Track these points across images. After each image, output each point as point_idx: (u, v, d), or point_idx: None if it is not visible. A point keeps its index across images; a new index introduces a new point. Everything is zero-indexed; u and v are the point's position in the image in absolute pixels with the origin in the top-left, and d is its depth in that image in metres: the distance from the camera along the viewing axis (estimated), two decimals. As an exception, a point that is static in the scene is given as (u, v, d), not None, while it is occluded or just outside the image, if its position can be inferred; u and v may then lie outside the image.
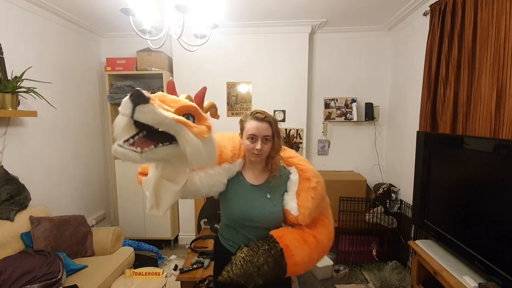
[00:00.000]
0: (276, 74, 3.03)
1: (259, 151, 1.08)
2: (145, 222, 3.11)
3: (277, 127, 1.12)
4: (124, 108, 0.76)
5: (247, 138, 1.11)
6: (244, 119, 1.14)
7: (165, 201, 0.99)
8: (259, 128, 1.08)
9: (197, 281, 1.77)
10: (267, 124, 1.09)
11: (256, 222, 1.13)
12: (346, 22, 2.92)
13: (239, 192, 1.16)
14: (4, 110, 1.94)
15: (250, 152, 1.11)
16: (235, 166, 1.16)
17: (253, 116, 1.11)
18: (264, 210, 1.12)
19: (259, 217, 1.12)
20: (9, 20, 2.14)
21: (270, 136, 1.10)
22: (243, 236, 1.16)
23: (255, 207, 1.13)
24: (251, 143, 1.09)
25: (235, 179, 1.18)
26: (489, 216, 1.42)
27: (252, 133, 1.08)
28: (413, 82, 2.55)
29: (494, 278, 1.33)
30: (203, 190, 1.09)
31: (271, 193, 1.16)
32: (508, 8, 1.47)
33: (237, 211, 1.14)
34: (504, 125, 1.48)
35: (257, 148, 1.08)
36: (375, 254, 2.69)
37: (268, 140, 1.10)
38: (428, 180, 1.87)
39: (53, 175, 2.54)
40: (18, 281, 1.60)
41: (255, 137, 1.08)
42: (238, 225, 1.17)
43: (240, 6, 2.50)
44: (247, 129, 1.11)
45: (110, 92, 2.94)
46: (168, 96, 0.91)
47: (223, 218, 1.24)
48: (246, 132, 1.11)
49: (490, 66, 1.59)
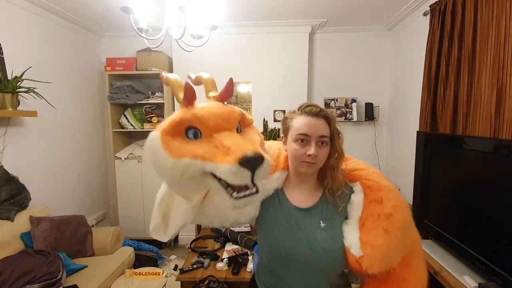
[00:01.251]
0: (276, 74, 3.03)
1: (312, 158, 0.77)
2: (145, 222, 3.11)
3: (336, 125, 0.82)
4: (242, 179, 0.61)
5: (295, 141, 0.80)
6: (290, 116, 0.84)
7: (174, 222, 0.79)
8: (314, 126, 0.78)
9: (197, 281, 1.77)
10: (324, 120, 0.79)
11: (305, 264, 0.79)
12: (346, 22, 2.92)
13: (280, 219, 0.84)
14: (4, 110, 1.94)
15: (300, 160, 0.80)
16: (272, 181, 0.86)
17: (304, 110, 0.81)
18: (317, 245, 0.78)
19: (310, 256, 0.78)
20: (9, 20, 2.14)
21: (328, 138, 0.80)
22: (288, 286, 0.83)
23: (302, 242, 0.79)
24: (301, 147, 0.79)
25: (274, 200, 0.87)
26: (489, 216, 1.42)
27: (303, 132, 0.78)
28: (413, 82, 2.55)
29: (494, 278, 1.33)
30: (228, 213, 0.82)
31: (326, 220, 0.81)
32: (508, 8, 1.47)
33: (276, 246, 0.81)
34: (504, 125, 1.48)
35: (310, 153, 0.77)
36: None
37: (325, 143, 0.80)
38: (428, 180, 1.87)
39: (53, 175, 2.54)
40: (18, 281, 1.60)
41: (307, 138, 0.78)
42: (280, 267, 0.83)
43: (240, 6, 2.50)
44: (296, 128, 0.80)
45: (110, 92, 2.94)
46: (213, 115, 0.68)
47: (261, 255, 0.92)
48: (293, 132, 0.81)
49: (490, 66, 1.58)
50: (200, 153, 0.64)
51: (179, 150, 0.65)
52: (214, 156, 0.63)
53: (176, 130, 0.67)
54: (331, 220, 0.81)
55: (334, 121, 0.82)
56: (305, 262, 0.79)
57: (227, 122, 0.70)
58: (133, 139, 3.35)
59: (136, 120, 3.06)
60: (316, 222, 0.81)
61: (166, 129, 0.67)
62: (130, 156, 3.07)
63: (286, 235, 0.81)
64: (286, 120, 0.85)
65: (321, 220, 0.81)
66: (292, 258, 0.79)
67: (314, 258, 0.78)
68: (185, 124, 0.68)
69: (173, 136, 0.67)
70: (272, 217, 0.85)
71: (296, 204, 0.85)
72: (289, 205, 0.85)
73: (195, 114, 0.67)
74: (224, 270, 1.86)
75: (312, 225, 0.81)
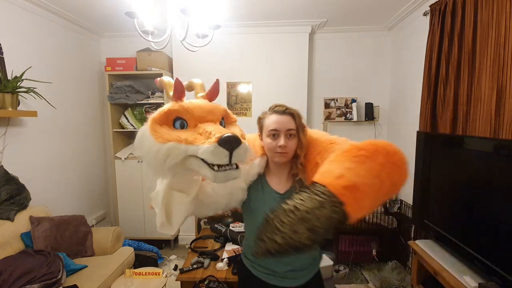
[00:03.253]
0: (276, 74, 3.03)
1: (283, 148, 0.92)
2: (145, 222, 3.11)
3: (301, 120, 0.97)
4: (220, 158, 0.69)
5: (268, 136, 0.96)
6: (263, 116, 1.01)
7: (177, 217, 0.88)
8: (281, 122, 0.93)
9: (197, 281, 1.77)
10: (290, 116, 0.95)
11: None
12: (346, 22, 2.92)
13: (265, 202, 0.97)
14: (4, 110, 1.94)
15: (273, 151, 0.95)
16: (253, 167, 0.99)
17: (273, 110, 0.98)
18: None
19: None
20: (9, 20, 2.14)
21: (294, 130, 0.94)
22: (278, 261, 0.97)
23: None
24: (273, 140, 0.94)
25: (258, 185, 1.01)
26: (489, 216, 1.42)
27: (273, 128, 0.94)
28: (413, 82, 2.55)
29: (494, 278, 1.33)
30: (221, 200, 0.94)
31: None
32: (508, 8, 1.47)
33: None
34: (504, 125, 1.48)
35: (280, 144, 0.92)
36: (375, 254, 2.69)
37: (292, 136, 0.94)
38: (428, 180, 1.87)
39: (53, 175, 2.54)
40: (18, 281, 1.60)
41: (277, 132, 0.94)
42: None
43: (240, 6, 2.50)
44: (267, 125, 0.96)
45: (110, 92, 2.94)
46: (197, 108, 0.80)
47: (247, 235, 1.08)
48: (266, 129, 0.96)
49: (490, 66, 1.59)
50: (184, 137, 0.73)
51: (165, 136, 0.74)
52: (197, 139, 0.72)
53: (164, 119, 0.78)
54: None
55: (299, 117, 0.97)
56: None
57: (212, 114, 0.82)
58: (133, 139, 3.28)
59: (136, 120, 3.06)
60: None
61: (155, 117, 0.78)
62: (130, 156, 3.07)
63: None
64: (260, 120, 1.01)
65: None
66: None
67: None
68: (173, 114, 0.78)
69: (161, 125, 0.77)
70: (258, 201, 0.98)
71: (276, 189, 0.99)
72: (271, 190, 0.99)
73: (182, 105, 0.78)
74: (224, 270, 1.86)
75: None
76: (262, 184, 1.01)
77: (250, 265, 1.06)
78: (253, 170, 0.98)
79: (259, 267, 1.03)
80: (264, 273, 1.02)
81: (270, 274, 1.01)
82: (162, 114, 0.78)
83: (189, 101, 0.83)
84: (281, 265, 0.99)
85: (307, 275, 1.03)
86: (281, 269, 1.00)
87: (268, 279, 1.01)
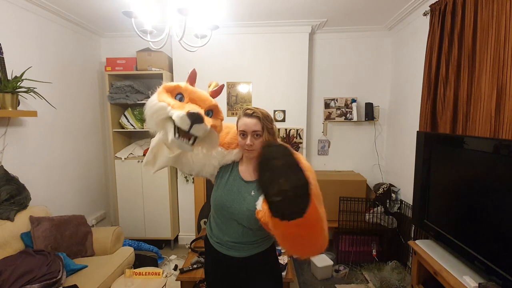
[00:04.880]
0: (276, 74, 3.03)
1: (249, 146, 1.09)
2: (145, 222, 3.11)
3: (268, 122, 1.11)
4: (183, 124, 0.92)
5: (239, 135, 1.13)
6: (238, 117, 1.17)
7: (159, 162, 1.15)
8: (248, 124, 1.09)
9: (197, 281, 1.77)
10: (256, 119, 1.09)
11: (233, 215, 1.12)
12: (346, 22, 2.92)
13: (227, 180, 1.18)
14: (4, 110, 1.94)
15: (243, 148, 1.13)
16: (231, 154, 1.18)
17: (244, 112, 1.13)
18: (243, 205, 1.10)
19: (237, 210, 1.11)
20: (9, 20, 2.14)
21: (260, 131, 1.09)
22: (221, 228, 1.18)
23: (236, 200, 1.12)
24: (242, 139, 1.11)
25: (228, 168, 1.21)
26: (489, 216, 1.42)
27: (242, 129, 1.11)
28: (413, 82, 2.55)
29: (494, 278, 1.33)
30: (195, 166, 1.19)
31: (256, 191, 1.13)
32: (508, 8, 1.47)
33: (218, 198, 1.16)
34: (504, 125, 1.48)
35: (247, 143, 1.09)
36: (375, 254, 2.69)
37: (258, 136, 1.10)
38: (428, 180, 1.87)
39: (53, 175, 2.54)
40: (18, 281, 1.60)
41: (245, 133, 1.10)
42: (217, 213, 1.19)
43: (240, 6, 2.50)
44: (238, 126, 1.13)
45: (110, 92, 2.94)
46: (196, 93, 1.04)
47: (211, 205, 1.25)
48: (238, 129, 1.14)
49: (490, 66, 1.59)
50: (172, 103, 0.98)
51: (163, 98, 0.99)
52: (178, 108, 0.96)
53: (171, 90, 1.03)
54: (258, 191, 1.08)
55: (266, 119, 1.11)
56: (234, 214, 1.12)
57: (202, 101, 1.04)
58: (133, 139, 3.35)
59: (136, 120, 3.06)
60: (249, 191, 1.13)
61: (166, 86, 1.04)
62: (130, 156, 3.07)
63: (227, 192, 1.15)
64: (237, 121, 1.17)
65: (253, 190, 1.13)
66: (227, 209, 1.13)
67: (240, 212, 1.11)
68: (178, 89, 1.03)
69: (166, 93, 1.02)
70: (224, 179, 1.19)
71: (242, 175, 1.18)
72: (237, 174, 1.19)
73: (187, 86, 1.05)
74: (224, 270, 1.86)
75: (246, 192, 1.14)
76: (232, 168, 1.21)
77: (209, 234, 1.25)
78: (229, 156, 1.19)
79: (213, 236, 1.22)
80: (216, 242, 1.20)
81: (219, 243, 1.19)
82: (171, 86, 1.03)
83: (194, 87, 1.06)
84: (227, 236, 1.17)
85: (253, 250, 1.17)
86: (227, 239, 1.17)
87: (218, 247, 1.20)
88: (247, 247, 1.16)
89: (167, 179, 3.03)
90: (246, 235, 1.15)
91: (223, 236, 1.17)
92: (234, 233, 1.15)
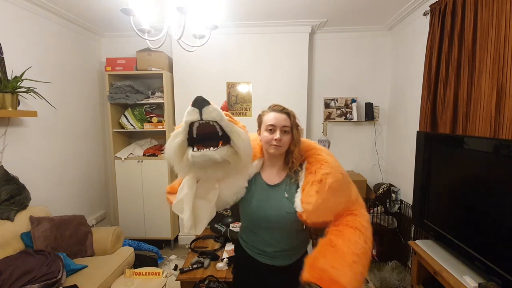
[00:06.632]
0: (276, 74, 3.03)
1: (278, 141, 1.05)
2: (145, 222, 3.11)
3: (295, 120, 1.10)
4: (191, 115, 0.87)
5: (265, 130, 1.08)
6: (262, 113, 1.14)
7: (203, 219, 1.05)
8: (278, 118, 1.07)
9: (197, 281, 1.77)
10: (286, 115, 1.08)
11: (273, 223, 1.08)
12: (346, 22, 2.92)
13: (254, 192, 1.12)
14: (4, 110, 1.94)
15: (269, 143, 1.07)
16: (252, 168, 1.14)
17: (272, 108, 1.11)
18: (281, 210, 1.06)
19: (276, 217, 1.07)
20: (9, 20, 2.14)
21: (289, 128, 1.08)
22: (262, 240, 1.13)
23: (271, 208, 1.08)
24: (269, 134, 1.07)
25: (252, 179, 1.15)
26: (489, 216, 1.42)
27: (270, 123, 1.07)
28: (413, 82, 2.55)
29: (494, 278, 1.33)
30: (229, 199, 1.10)
31: (289, 192, 1.09)
32: (508, 8, 1.47)
33: (252, 212, 1.11)
34: (504, 125, 1.48)
35: (275, 137, 1.05)
36: (375, 254, 2.69)
37: (287, 132, 1.07)
38: (428, 180, 1.87)
39: (53, 175, 2.54)
40: (18, 281, 1.60)
41: (273, 127, 1.06)
42: (255, 227, 1.15)
43: (240, 6, 2.50)
44: (266, 121, 1.09)
45: (110, 92, 2.94)
46: None
47: (242, 220, 1.23)
48: (264, 124, 1.10)
49: (490, 66, 1.59)
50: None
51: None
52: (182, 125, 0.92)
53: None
54: (291, 191, 1.08)
55: (294, 117, 1.10)
56: (272, 222, 1.08)
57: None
58: (133, 139, 3.35)
59: (136, 120, 3.06)
60: (281, 194, 1.09)
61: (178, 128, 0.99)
62: (130, 156, 3.07)
63: (259, 204, 1.10)
64: (260, 117, 1.15)
65: (285, 191, 1.09)
66: (265, 219, 1.09)
67: (280, 218, 1.07)
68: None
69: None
70: (250, 192, 1.13)
71: (267, 181, 1.14)
72: (262, 182, 1.14)
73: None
74: (224, 270, 1.86)
75: (278, 195, 1.09)
76: (255, 177, 1.15)
77: (245, 246, 1.20)
78: (251, 170, 1.14)
79: (253, 248, 1.17)
80: (256, 253, 1.16)
81: (261, 254, 1.15)
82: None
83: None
84: (270, 246, 1.13)
85: (295, 256, 1.15)
86: (270, 249, 1.13)
87: (260, 258, 1.15)
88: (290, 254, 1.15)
89: (167, 179, 3.03)
90: (290, 240, 1.13)
91: (267, 247, 1.13)
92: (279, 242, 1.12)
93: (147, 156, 3.06)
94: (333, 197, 1.01)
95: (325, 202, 0.99)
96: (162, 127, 3.00)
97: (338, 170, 1.05)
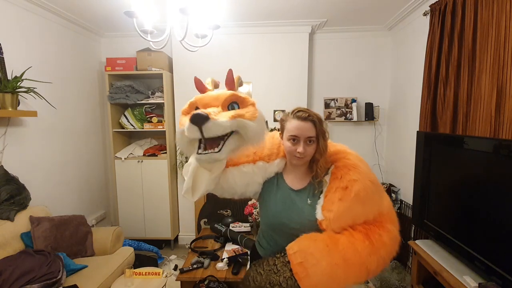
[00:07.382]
0: (276, 74, 3.03)
1: (301, 154, 0.97)
2: (145, 222, 3.11)
3: (322, 126, 1.00)
4: (192, 133, 0.81)
5: (288, 140, 0.99)
6: (285, 118, 1.03)
7: (200, 188, 1.02)
8: (302, 128, 0.96)
9: (197, 281, 1.77)
10: (311, 123, 0.97)
11: (294, 230, 0.99)
12: (346, 22, 2.92)
13: (277, 196, 1.05)
14: (4, 110, 1.94)
15: (292, 155, 0.99)
16: (273, 166, 1.06)
17: (295, 114, 0.99)
18: (303, 217, 0.99)
19: (298, 224, 0.99)
20: (9, 20, 2.14)
21: (314, 137, 0.98)
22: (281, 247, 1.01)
23: (293, 214, 1.01)
24: (292, 145, 0.98)
25: (274, 181, 1.08)
26: (489, 216, 1.42)
27: (293, 134, 0.97)
28: (413, 82, 2.55)
29: (494, 278, 1.33)
30: (238, 188, 1.04)
31: (313, 198, 1.02)
32: (508, 8, 1.47)
33: (275, 216, 1.03)
34: (504, 125, 1.48)
35: (299, 151, 0.96)
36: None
37: (312, 142, 0.98)
38: (428, 180, 1.87)
39: (53, 175, 2.54)
40: (18, 281, 1.60)
41: (297, 138, 0.97)
42: (275, 232, 1.06)
43: (240, 6, 2.50)
44: (288, 129, 0.99)
45: (110, 92, 2.94)
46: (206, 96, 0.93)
47: (261, 224, 1.16)
48: (286, 133, 1.00)
49: (490, 66, 1.59)
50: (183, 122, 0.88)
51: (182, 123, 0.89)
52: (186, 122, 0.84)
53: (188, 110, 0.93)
54: (314, 198, 1.02)
55: (321, 124, 1.00)
56: (294, 228, 0.99)
57: (216, 100, 0.90)
58: (133, 139, 3.35)
59: (136, 120, 3.06)
60: (304, 200, 1.02)
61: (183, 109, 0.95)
62: (130, 156, 3.07)
63: (282, 208, 1.03)
64: (282, 122, 1.05)
65: (308, 198, 1.02)
66: (286, 225, 1.01)
67: (302, 225, 0.98)
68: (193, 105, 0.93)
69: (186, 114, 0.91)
70: (272, 195, 1.06)
71: (290, 185, 1.06)
72: (286, 186, 1.06)
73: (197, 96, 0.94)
74: (224, 270, 1.87)
75: (301, 201, 1.02)
76: (277, 180, 1.08)
77: (264, 253, 1.11)
78: (271, 168, 1.07)
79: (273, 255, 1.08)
80: None
81: None
82: (186, 106, 0.94)
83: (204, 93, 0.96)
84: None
85: None
86: None
87: None
88: None
89: (167, 179, 3.03)
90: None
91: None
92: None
93: (147, 156, 3.06)
94: (359, 206, 0.93)
95: (348, 211, 0.92)
96: (162, 127, 3.00)
97: (367, 177, 0.96)
